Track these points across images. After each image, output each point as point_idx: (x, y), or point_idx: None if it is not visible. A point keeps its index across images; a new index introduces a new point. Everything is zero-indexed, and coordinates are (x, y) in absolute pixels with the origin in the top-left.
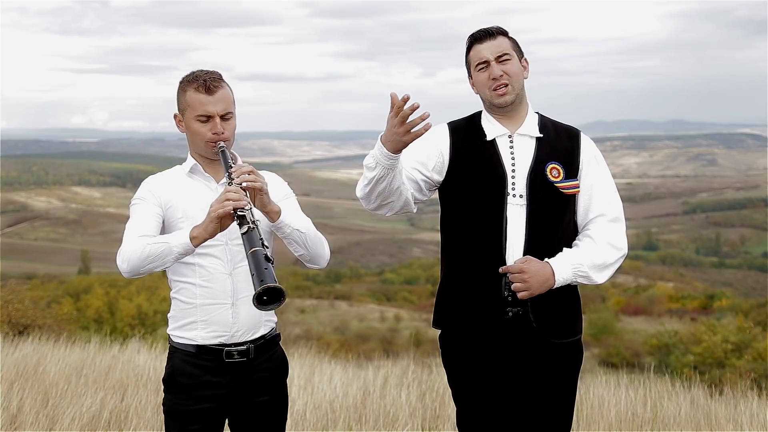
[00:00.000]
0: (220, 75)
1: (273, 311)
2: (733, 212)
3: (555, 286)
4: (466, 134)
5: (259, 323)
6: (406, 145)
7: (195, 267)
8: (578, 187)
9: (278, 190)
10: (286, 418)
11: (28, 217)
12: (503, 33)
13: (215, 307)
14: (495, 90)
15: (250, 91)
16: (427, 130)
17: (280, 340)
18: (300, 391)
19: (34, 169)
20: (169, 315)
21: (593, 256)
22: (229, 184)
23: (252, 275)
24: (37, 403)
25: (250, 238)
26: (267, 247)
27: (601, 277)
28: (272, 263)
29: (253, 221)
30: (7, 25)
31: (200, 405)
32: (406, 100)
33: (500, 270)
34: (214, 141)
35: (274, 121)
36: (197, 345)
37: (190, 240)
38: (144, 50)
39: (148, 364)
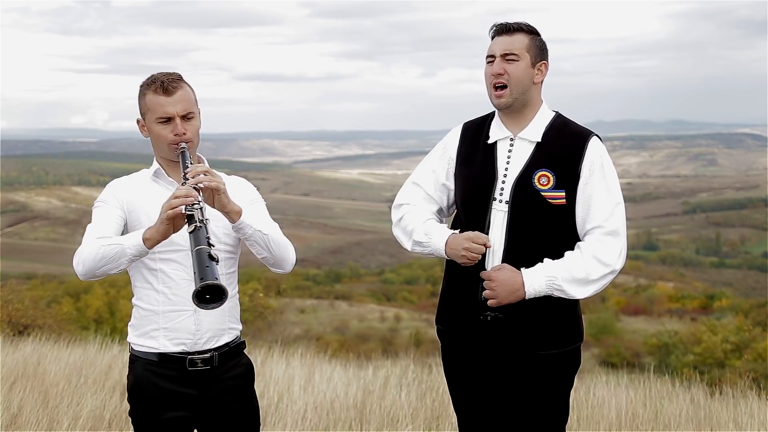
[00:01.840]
0: (179, 75)
1: (238, 320)
2: (733, 212)
3: (526, 298)
4: (474, 135)
5: (223, 330)
6: (460, 261)
7: (158, 273)
8: (564, 198)
9: (245, 195)
10: (257, 426)
11: (28, 217)
12: (525, 31)
13: (178, 314)
14: (494, 89)
15: (250, 91)
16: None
17: (245, 347)
18: (300, 391)
19: (34, 169)
20: (129, 324)
21: (573, 269)
22: (183, 184)
23: (194, 273)
24: (38, 403)
25: (196, 236)
26: (212, 246)
27: (579, 292)
28: (216, 262)
29: (201, 220)
30: (8, 25)
31: (169, 414)
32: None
33: (480, 275)
34: (177, 143)
35: (274, 121)
36: (159, 353)
37: (144, 241)
38: (145, 50)
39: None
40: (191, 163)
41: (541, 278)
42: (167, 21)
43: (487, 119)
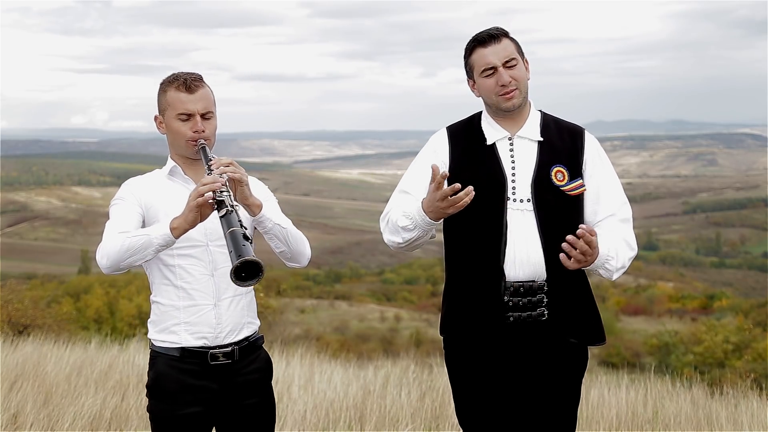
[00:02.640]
0: (200, 76)
1: (255, 315)
2: (733, 212)
3: (585, 267)
4: (465, 138)
5: (242, 324)
6: (449, 215)
7: (176, 269)
8: (584, 186)
9: (258, 193)
10: (274, 421)
11: (28, 217)
12: (506, 34)
13: (198, 309)
14: (502, 95)
15: (250, 91)
16: (470, 198)
17: (263, 342)
18: (300, 391)
19: (34, 169)
20: (149, 321)
21: (621, 252)
22: (208, 174)
23: (230, 252)
24: (38, 403)
25: (228, 220)
26: (245, 228)
27: (615, 275)
28: (251, 243)
29: (232, 205)
30: (9, 25)
31: (187, 409)
32: (445, 176)
33: (578, 233)
34: (195, 139)
35: (274, 121)
36: (181, 348)
37: (171, 231)
38: (145, 50)
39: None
40: (214, 157)
41: (603, 254)
42: (168, 21)
43: (473, 121)
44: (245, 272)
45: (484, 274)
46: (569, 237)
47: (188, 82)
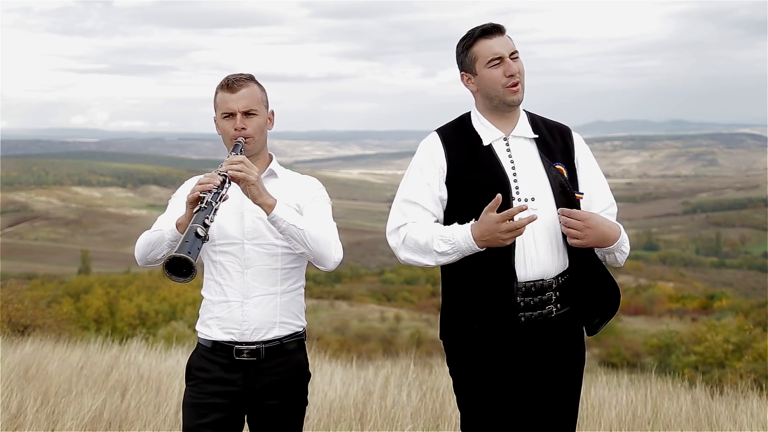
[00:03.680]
0: (248, 76)
1: (297, 317)
2: (733, 212)
3: (605, 248)
4: (460, 140)
5: (272, 324)
6: (505, 244)
7: (217, 265)
8: (582, 197)
9: (306, 193)
10: (301, 424)
11: (28, 217)
12: (505, 30)
13: (228, 305)
14: (510, 87)
15: None
16: (531, 221)
17: (302, 345)
18: None
19: (34, 169)
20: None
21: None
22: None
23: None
24: (38, 403)
25: (197, 215)
26: (207, 227)
27: (624, 263)
28: (202, 240)
29: (209, 202)
30: (9, 25)
31: (212, 399)
32: (523, 209)
33: (558, 211)
34: (236, 137)
35: (275, 121)
36: (212, 341)
37: (177, 227)
38: (146, 50)
39: (149, 364)
40: (230, 155)
41: (623, 236)
42: (168, 21)
43: (464, 123)
44: (185, 268)
45: (494, 276)
46: (559, 211)
47: (231, 82)
